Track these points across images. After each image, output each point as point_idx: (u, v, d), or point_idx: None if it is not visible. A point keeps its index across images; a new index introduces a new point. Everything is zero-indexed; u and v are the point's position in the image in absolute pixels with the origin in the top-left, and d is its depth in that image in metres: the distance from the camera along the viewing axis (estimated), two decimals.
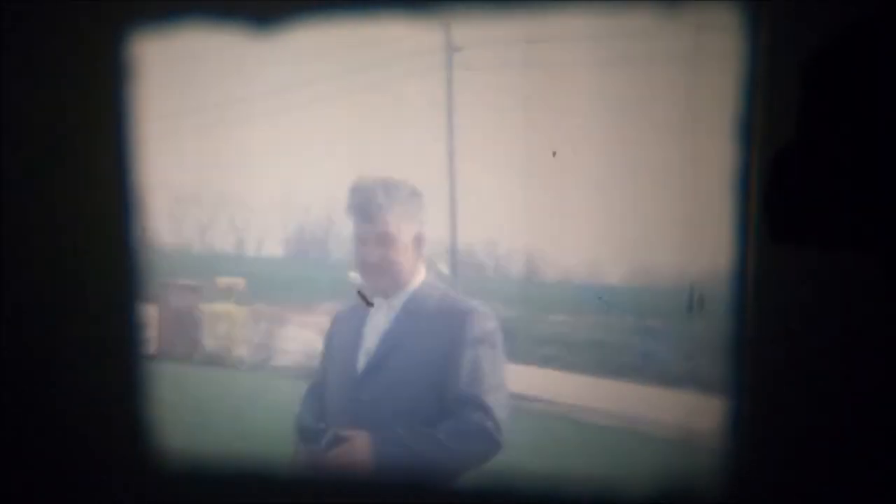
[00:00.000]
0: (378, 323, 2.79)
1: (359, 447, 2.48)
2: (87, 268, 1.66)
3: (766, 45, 1.52)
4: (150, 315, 9.68)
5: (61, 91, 1.63)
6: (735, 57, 1.56)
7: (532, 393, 9.14)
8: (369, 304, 2.83)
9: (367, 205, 2.72)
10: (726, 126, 1.59)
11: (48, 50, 1.63)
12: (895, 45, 1.48)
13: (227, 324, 10.03)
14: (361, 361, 2.74)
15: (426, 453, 2.50)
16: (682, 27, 1.60)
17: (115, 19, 1.60)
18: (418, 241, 2.78)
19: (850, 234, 1.53)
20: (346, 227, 2.84)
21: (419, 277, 2.80)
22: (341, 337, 2.88)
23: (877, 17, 1.48)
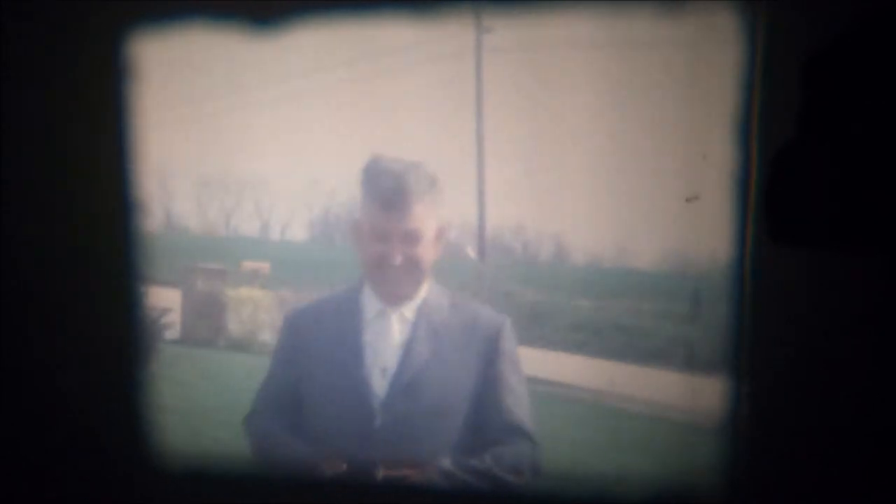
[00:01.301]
0: (392, 336, 2.38)
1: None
2: (87, 268, 1.68)
3: (766, 44, 1.53)
4: (175, 299, 9.79)
5: (61, 91, 1.65)
6: (735, 56, 1.56)
7: (560, 379, 9.15)
8: None
9: (396, 193, 2.28)
10: (726, 125, 1.60)
11: (48, 50, 1.66)
12: (895, 44, 1.48)
13: (251, 308, 10.11)
14: (377, 382, 2.33)
15: (481, 489, 2.26)
16: (682, 27, 1.60)
17: (115, 19, 1.63)
18: (440, 236, 2.38)
19: (851, 233, 1.54)
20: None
21: (428, 281, 2.40)
22: (324, 345, 2.40)
23: (877, 15, 1.48)
